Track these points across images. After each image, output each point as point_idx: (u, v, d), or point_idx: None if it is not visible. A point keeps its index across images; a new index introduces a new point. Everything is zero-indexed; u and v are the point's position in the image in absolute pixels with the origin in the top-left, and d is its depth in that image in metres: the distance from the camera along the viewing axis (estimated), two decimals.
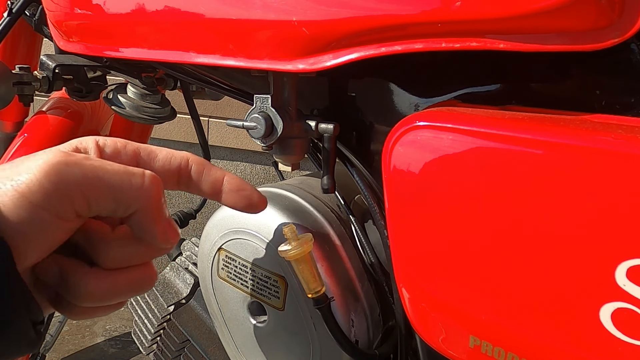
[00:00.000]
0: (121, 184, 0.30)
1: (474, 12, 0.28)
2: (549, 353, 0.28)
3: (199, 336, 0.69)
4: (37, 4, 0.64)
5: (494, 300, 0.29)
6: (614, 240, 0.25)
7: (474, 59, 0.37)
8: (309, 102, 0.47)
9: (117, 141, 0.34)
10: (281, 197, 0.46)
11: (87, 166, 0.29)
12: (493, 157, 0.28)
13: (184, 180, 0.36)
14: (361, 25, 0.32)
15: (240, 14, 0.36)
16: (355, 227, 0.44)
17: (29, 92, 0.58)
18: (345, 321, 0.42)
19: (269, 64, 0.37)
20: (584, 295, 0.26)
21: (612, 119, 0.30)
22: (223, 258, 0.48)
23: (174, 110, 0.69)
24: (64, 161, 0.28)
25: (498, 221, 0.28)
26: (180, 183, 0.36)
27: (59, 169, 0.28)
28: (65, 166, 0.28)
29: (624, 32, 0.26)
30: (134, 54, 0.45)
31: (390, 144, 0.32)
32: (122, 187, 0.30)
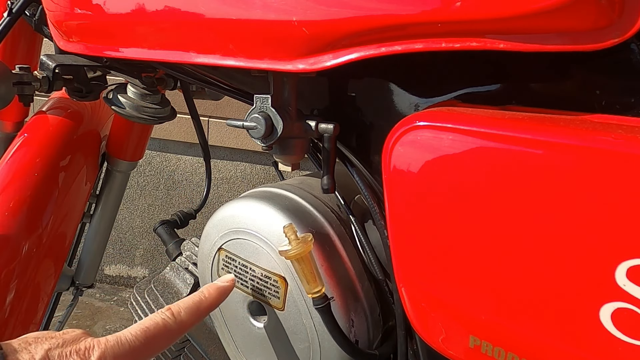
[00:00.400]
0: None
1: (474, 12, 0.28)
2: (549, 353, 0.28)
3: (199, 336, 0.69)
4: (37, 4, 0.64)
5: (494, 300, 0.29)
6: (614, 240, 0.25)
7: (474, 59, 0.37)
8: (309, 102, 0.47)
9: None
10: (281, 197, 0.46)
11: None
12: (493, 157, 0.28)
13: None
14: (361, 25, 0.32)
15: (240, 14, 0.36)
16: (355, 227, 0.44)
17: (29, 92, 0.58)
18: (345, 321, 0.42)
19: (269, 64, 0.37)
20: (584, 295, 0.26)
21: (612, 119, 0.30)
22: (223, 258, 0.48)
23: (174, 110, 0.69)
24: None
25: (498, 221, 0.28)
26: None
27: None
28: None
29: (624, 32, 0.26)
30: (134, 54, 0.45)
31: (390, 144, 0.32)
32: None
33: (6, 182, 0.67)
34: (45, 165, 0.71)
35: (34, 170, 0.69)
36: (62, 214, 0.73)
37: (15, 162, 0.70)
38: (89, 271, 0.91)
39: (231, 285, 0.43)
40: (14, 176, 0.68)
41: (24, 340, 0.32)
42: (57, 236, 0.71)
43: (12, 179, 0.68)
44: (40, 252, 0.67)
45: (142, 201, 1.98)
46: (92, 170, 0.82)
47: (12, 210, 0.65)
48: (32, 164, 0.70)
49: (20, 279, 0.63)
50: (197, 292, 0.41)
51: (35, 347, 0.32)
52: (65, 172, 0.74)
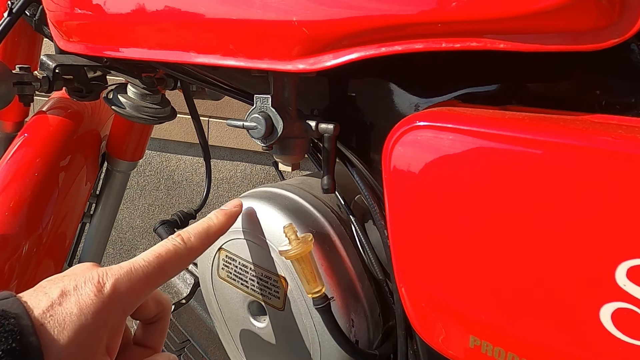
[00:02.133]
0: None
1: (474, 12, 0.28)
2: (549, 353, 0.28)
3: (199, 336, 0.69)
4: (37, 4, 0.64)
5: (494, 300, 0.29)
6: (614, 240, 0.25)
7: (474, 59, 0.37)
8: (309, 102, 0.47)
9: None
10: (281, 197, 0.46)
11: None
12: (493, 157, 0.28)
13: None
14: (361, 25, 0.32)
15: (240, 14, 0.36)
16: (355, 227, 0.44)
17: (29, 92, 0.58)
18: (345, 321, 0.42)
19: (269, 64, 0.37)
20: (584, 296, 0.26)
21: (612, 119, 0.30)
22: (223, 258, 0.48)
23: (174, 110, 0.69)
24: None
25: (498, 221, 0.28)
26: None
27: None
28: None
29: (624, 32, 0.26)
30: (134, 54, 0.45)
31: (390, 144, 0.32)
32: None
33: (6, 182, 0.67)
34: (45, 165, 0.71)
35: (34, 170, 0.69)
36: (62, 214, 0.73)
37: (15, 162, 0.70)
38: None
39: (239, 210, 0.43)
40: (14, 176, 0.68)
41: (38, 285, 0.32)
42: (57, 236, 0.71)
43: (12, 179, 0.68)
44: (40, 252, 0.67)
45: (142, 201, 1.98)
46: (92, 170, 0.82)
47: (12, 210, 0.65)
48: (32, 164, 0.70)
49: (20, 279, 0.64)
50: (205, 218, 0.41)
51: (50, 288, 0.32)
52: (65, 172, 0.74)
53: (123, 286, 0.33)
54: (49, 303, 0.30)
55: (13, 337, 0.27)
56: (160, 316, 0.38)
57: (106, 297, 0.32)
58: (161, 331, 0.39)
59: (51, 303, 0.30)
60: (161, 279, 0.35)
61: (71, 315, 0.30)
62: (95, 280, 0.32)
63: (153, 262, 0.35)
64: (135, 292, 0.33)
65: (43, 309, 0.30)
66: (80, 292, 0.31)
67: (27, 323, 0.28)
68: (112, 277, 0.33)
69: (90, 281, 0.32)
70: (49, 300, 0.31)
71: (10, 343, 0.27)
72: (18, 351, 0.27)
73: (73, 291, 0.31)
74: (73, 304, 0.31)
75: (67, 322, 0.30)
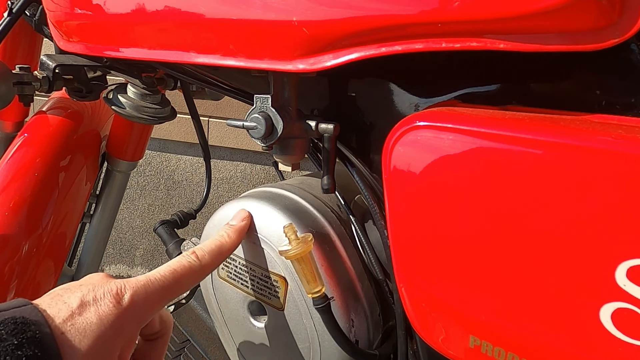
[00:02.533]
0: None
1: (474, 12, 0.28)
2: (549, 353, 0.28)
3: (199, 336, 0.69)
4: (37, 4, 0.64)
5: (494, 300, 0.29)
6: (614, 240, 0.25)
7: (474, 59, 0.37)
8: (309, 102, 0.47)
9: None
10: (281, 197, 0.46)
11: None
12: (493, 157, 0.28)
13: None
14: (361, 25, 0.32)
15: (240, 14, 0.36)
16: (355, 227, 0.44)
17: (29, 92, 0.58)
18: (345, 321, 0.42)
19: (269, 64, 0.37)
20: (584, 296, 0.26)
21: (612, 119, 0.30)
22: None
23: (174, 110, 0.69)
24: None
25: (498, 221, 0.28)
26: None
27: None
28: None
29: (624, 32, 0.26)
30: (134, 54, 0.45)
31: (390, 144, 0.32)
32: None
33: (6, 182, 0.67)
34: (45, 165, 0.71)
35: (34, 170, 0.69)
36: (62, 214, 0.73)
37: (15, 162, 0.70)
38: (89, 271, 0.91)
39: (247, 223, 0.44)
40: (14, 176, 0.68)
41: (54, 293, 0.33)
42: (57, 236, 0.71)
43: (12, 179, 0.68)
44: (40, 252, 0.67)
45: (142, 201, 1.98)
46: (92, 170, 0.82)
47: (12, 210, 0.65)
48: (32, 164, 0.70)
49: (20, 279, 0.63)
50: (218, 235, 0.42)
51: (69, 297, 0.32)
52: (65, 172, 0.74)
53: (140, 298, 0.34)
54: (69, 312, 0.31)
55: (35, 344, 0.28)
56: (162, 333, 0.40)
57: (124, 308, 0.33)
58: (162, 348, 0.40)
59: (71, 313, 0.31)
60: (175, 293, 0.37)
61: (91, 324, 0.31)
62: (114, 292, 0.33)
63: (169, 277, 0.36)
64: (151, 305, 0.35)
65: (64, 318, 0.31)
66: (100, 303, 0.33)
67: (47, 331, 0.29)
68: (130, 289, 0.34)
69: (109, 293, 0.33)
70: (69, 310, 0.32)
71: (33, 349, 0.28)
72: (39, 358, 0.28)
73: (93, 302, 0.33)
74: (93, 314, 0.32)
75: (88, 331, 0.31)
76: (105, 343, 0.32)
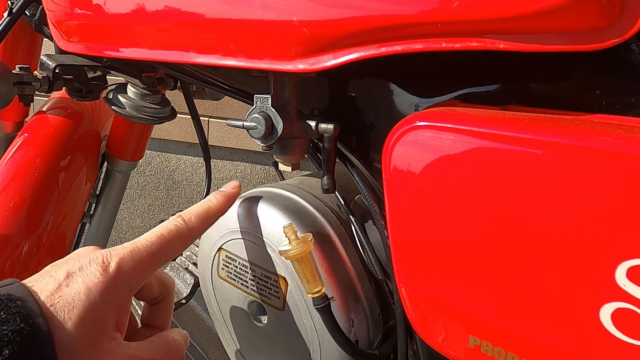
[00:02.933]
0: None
1: (474, 12, 0.28)
2: (549, 353, 0.28)
3: (199, 336, 0.69)
4: (37, 4, 0.64)
5: (494, 300, 0.29)
6: (614, 240, 0.25)
7: (474, 59, 0.37)
8: (309, 102, 0.47)
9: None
10: (281, 197, 0.46)
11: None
12: (493, 157, 0.28)
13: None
14: (361, 25, 0.32)
15: (240, 14, 0.36)
16: (355, 227, 0.44)
17: (29, 92, 0.58)
18: (345, 321, 0.42)
19: (269, 64, 0.37)
20: (584, 296, 0.26)
21: (612, 119, 0.30)
22: (223, 258, 0.48)
23: (174, 110, 0.69)
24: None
25: (498, 221, 0.28)
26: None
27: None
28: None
29: (624, 32, 0.26)
30: (134, 54, 0.45)
31: (390, 144, 0.32)
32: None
33: (6, 182, 0.67)
34: (45, 165, 0.71)
35: (34, 170, 0.69)
36: (62, 214, 0.73)
37: (15, 162, 0.70)
38: None
39: (237, 192, 0.44)
40: (14, 176, 0.68)
41: (43, 270, 0.33)
42: (57, 236, 0.71)
43: (12, 179, 0.68)
44: (40, 252, 0.67)
45: (142, 201, 1.98)
46: (92, 170, 0.82)
47: (12, 210, 0.65)
48: (32, 164, 0.70)
49: (20, 279, 0.63)
50: (204, 199, 0.42)
51: (56, 271, 0.32)
52: (65, 172, 0.74)
53: (127, 265, 0.33)
54: (56, 285, 0.31)
55: (21, 318, 0.28)
56: (164, 296, 0.39)
57: (112, 275, 0.32)
58: (166, 310, 0.40)
59: (58, 285, 0.31)
60: (164, 257, 0.36)
61: (79, 294, 0.31)
62: (99, 260, 0.33)
63: (156, 242, 0.36)
64: (139, 270, 0.34)
65: (51, 291, 0.31)
66: (86, 272, 0.32)
67: (32, 306, 0.29)
68: (116, 257, 0.33)
69: (94, 261, 0.33)
70: (56, 283, 0.31)
71: (18, 324, 0.28)
72: (27, 331, 0.28)
73: (79, 272, 0.32)
74: (80, 284, 0.31)
75: (76, 302, 0.31)
76: (96, 312, 0.31)
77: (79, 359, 0.30)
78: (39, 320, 0.29)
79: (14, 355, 0.27)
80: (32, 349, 0.28)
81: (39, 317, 0.29)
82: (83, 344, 0.30)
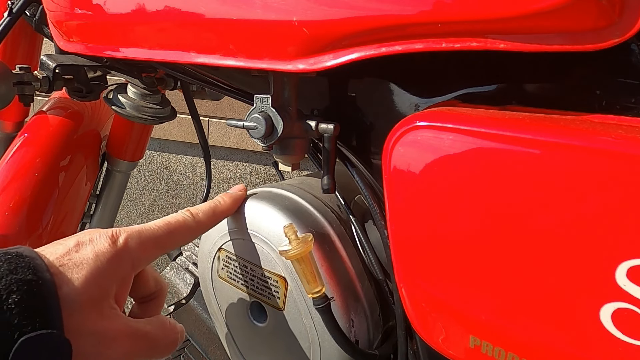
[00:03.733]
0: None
1: (474, 12, 0.28)
2: (549, 353, 0.28)
3: (199, 336, 0.69)
4: (37, 4, 0.64)
5: (494, 300, 0.29)
6: (614, 240, 0.25)
7: (474, 59, 0.37)
8: (309, 102, 0.47)
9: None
10: (281, 197, 0.46)
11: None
12: (493, 157, 0.28)
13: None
14: (361, 25, 0.32)
15: (241, 14, 0.36)
16: (355, 227, 0.44)
17: (29, 92, 0.58)
18: (345, 321, 0.42)
19: (269, 64, 0.37)
20: (584, 296, 0.26)
21: (612, 119, 0.30)
22: (223, 258, 0.48)
23: (174, 110, 0.69)
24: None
25: (498, 221, 0.28)
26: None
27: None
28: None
29: (624, 32, 0.26)
30: (134, 54, 0.45)
31: (390, 144, 0.32)
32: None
33: (6, 182, 0.67)
34: (45, 165, 0.71)
35: (34, 170, 0.69)
36: (62, 214, 0.73)
37: (15, 162, 0.70)
38: None
39: (243, 194, 0.46)
40: (14, 176, 0.68)
41: (55, 241, 0.34)
42: (57, 236, 0.71)
43: (12, 179, 0.68)
44: None
45: (142, 201, 1.98)
46: (92, 170, 0.82)
47: (12, 210, 0.65)
48: (32, 164, 0.70)
49: None
50: (212, 199, 0.44)
51: (65, 240, 0.34)
52: (65, 172, 0.74)
53: (134, 241, 0.35)
54: (65, 250, 0.33)
55: (29, 270, 0.29)
56: (157, 294, 0.41)
57: (119, 248, 0.34)
58: (157, 307, 0.41)
59: (68, 250, 0.33)
60: (168, 243, 0.38)
61: (88, 259, 0.33)
62: (109, 234, 0.35)
63: (162, 227, 0.38)
64: (144, 249, 0.36)
65: (60, 254, 0.32)
66: (96, 243, 0.34)
67: (40, 263, 0.30)
68: (125, 233, 0.35)
69: (104, 234, 0.35)
70: (66, 248, 0.33)
71: (26, 274, 0.29)
72: (34, 282, 0.29)
73: (89, 242, 0.34)
74: (89, 251, 0.33)
75: (84, 264, 0.32)
76: (101, 277, 0.33)
77: (81, 316, 0.31)
78: (46, 275, 0.30)
79: (20, 302, 0.28)
80: (38, 298, 0.29)
81: (45, 272, 0.30)
82: (86, 302, 0.32)
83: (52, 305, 0.29)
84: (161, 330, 0.37)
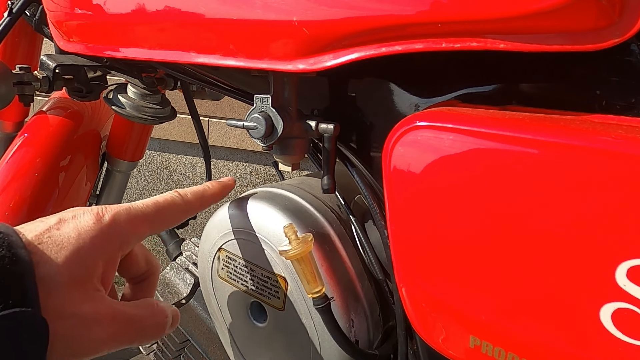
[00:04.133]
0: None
1: (474, 12, 0.28)
2: (549, 353, 0.28)
3: (199, 336, 0.69)
4: (37, 4, 0.64)
5: (494, 300, 0.29)
6: (614, 240, 0.25)
7: (474, 59, 0.37)
8: (309, 102, 0.47)
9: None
10: (281, 197, 0.46)
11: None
12: (493, 157, 0.28)
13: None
14: (361, 25, 0.32)
15: (241, 14, 0.36)
16: (355, 227, 0.44)
17: (29, 92, 0.58)
18: (345, 321, 0.42)
19: (269, 64, 0.37)
20: (584, 296, 0.26)
21: (612, 119, 0.30)
22: (223, 258, 0.48)
23: (174, 110, 0.69)
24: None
25: (498, 221, 0.28)
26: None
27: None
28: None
29: (624, 32, 0.26)
30: (134, 54, 0.45)
31: (390, 144, 0.32)
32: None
33: (6, 182, 0.67)
34: (45, 165, 0.71)
35: (34, 170, 0.69)
36: None
37: (15, 162, 0.70)
38: None
39: (232, 184, 0.45)
40: (14, 176, 0.68)
41: (37, 219, 0.33)
42: None
43: (12, 179, 0.68)
44: None
45: None
46: (92, 170, 0.82)
47: (12, 210, 0.65)
48: (32, 164, 0.70)
49: None
50: (202, 184, 0.43)
51: (47, 218, 0.32)
52: (65, 172, 0.74)
53: (121, 218, 0.34)
54: (45, 227, 0.31)
55: (3, 246, 0.28)
56: (148, 274, 0.39)
57: (105, 225, 0.33)
58: (150, 287, 0.40)
59: (48, 227, 0.31)
60: (157, 222, 0.37)
61: (69, 238, 0.31)
62: (94, 212, 0.33)
63: (151, 205, 0.36)
64: (133, 227, 0.34)
65: (40, 231, 0.31)
66: (79, 220, 0.32)
67: (16, 239, 0.29)
68: (112, 210, 0.34)
69: (89, 212, 0.33)
70: (46, 225, 0.31)
71: (0, 251, 0.27)
72: (8, 258, 0.27)
73: (71, 219, 0.32)
74: (71, 229, 0.31)
75: (65, 244, 0.31)
76: (84, 257, 0.31)
77: (60, 296, 0.29)
78: (22, 252, 0.28)
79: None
80: (11, 275, 0.27)
81: (21, 249, 0.28)
82: (67, 284, 0.30)
83: (27, 283, 0.28)
84: (149, 313, 0.35)
